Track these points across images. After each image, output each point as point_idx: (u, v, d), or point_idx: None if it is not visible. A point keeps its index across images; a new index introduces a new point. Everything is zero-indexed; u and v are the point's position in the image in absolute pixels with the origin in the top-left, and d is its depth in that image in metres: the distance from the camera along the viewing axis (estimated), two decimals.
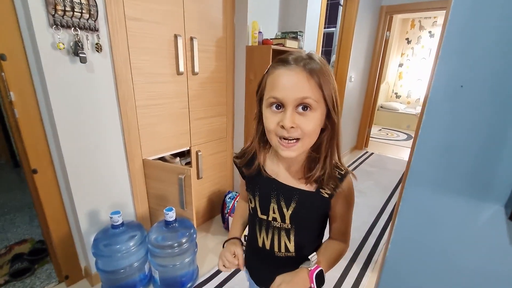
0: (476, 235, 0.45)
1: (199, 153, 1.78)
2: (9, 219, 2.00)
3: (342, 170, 0.62)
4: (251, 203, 0.70)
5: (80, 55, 1.07)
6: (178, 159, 1.79)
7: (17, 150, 1.18)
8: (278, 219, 0.65)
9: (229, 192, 1.98)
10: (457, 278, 0.50)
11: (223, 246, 0.76)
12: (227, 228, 1.91)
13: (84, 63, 1.10)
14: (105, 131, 1.28)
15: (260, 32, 1.77)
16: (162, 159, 1.71)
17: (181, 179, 1.37)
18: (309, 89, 0.51)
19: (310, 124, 0.53)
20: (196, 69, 1.59)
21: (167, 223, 1.33)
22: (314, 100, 0.51)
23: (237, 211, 0.84)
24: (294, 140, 0.54)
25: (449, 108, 0.45)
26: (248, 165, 0.69)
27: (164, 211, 1.31)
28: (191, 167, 1.78)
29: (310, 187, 0.62)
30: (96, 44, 1.14)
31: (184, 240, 1.34)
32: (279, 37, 1.92)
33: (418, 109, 5.33)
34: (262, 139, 0.63)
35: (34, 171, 1.15)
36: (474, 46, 0.42)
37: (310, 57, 0.53)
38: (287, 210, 0.64)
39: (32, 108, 1.08)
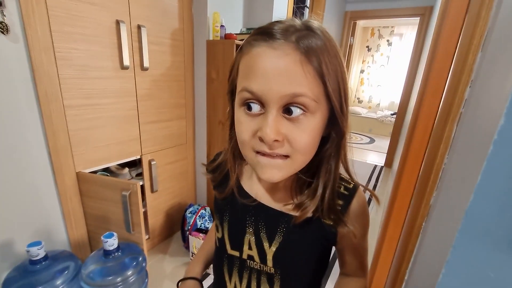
0: None
1: (152, 162, 1.52)
2: None
3: (349, 183, 0.44)
4: (217, 231, 0.50)
5: None
6: (126, 169, 1.51)
7: None
8: (256, 258, 0.45)
9: (190, 206, 1.74)
10: None
11: (177, 286, 0.55)
12: (187, 247, 1.66)
13: None
14: (21, 138, 0.98)
15: (222, 26, 1.58)
16: (106, 170, 1.43)
17: (125, 196, 1.11)
18: (305, 81, 0.32)
19: (304, 136, 0.34)
20: (146, 64, 1.34)
21: (106, 253, 1.06)
22: (312, 98, 0.33)
23: (206, 241, 0.62)
24: (282, 155, 0.35)
25: None
26: (221, 185, 0.49)
27: (102, 238, 1.04)
28: (143, 178, 1.52)
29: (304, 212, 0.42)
30: (1, 23, 0.86)
31: (130, 272, 1.08)
32: (244, 33, 1.75)
33: (379, 114, 5.55)
34: (238, 149, 0.43)
35: None
36: None
37: (307, 26, 0.34)
38: (270, 246, 0.44)
39: None
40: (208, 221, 1.70)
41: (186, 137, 1.75)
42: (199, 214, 1.68)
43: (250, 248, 0.45)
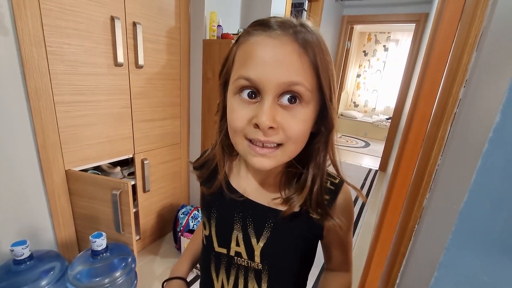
0: None
1: (145, 162, 1.50)
2: None
3: (335, 178, 0.44)
4: (205, 229, 0.49)
5: None
6: (118, 168, 1.48)
7: None
8: (244, 254, 0.45)
9: (183, 206, 1.72)
10: None
11: (162, 286, 0.55)
12: (179, 249, 1.64)
13: None
14: (8, 134, 0.96)
15: (219, 26, 1.57)
16: (97, 168, 1.40)
17: (115, 195, 1.09)
18: (302, 71, 0.33)
19: (299, 125, 0.35)
20: (141, 61, 1.32)
21: (94, 254, 1.04)
22: (307, 88, 0.34)
23: (192, 240, 0.62)
24: (273, 146, 0.36)
25: None
26: (209, 181, 0.48)
27: (90, 238, 1.01)
28: (135, 178, 1.49)
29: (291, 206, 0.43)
30: None
31: (118, 274, 1.05)
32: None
33: (375, 118, 5.59)
34: (227, 142, 0.44)
35: None
36: None
37: (302, 24, 0.35)
38: (257, 241, 0.44)
39: None
40: None
41: (180, 137, 1.73)
42: (192, 215, 1.65)
43: (237, 244, 0.45)
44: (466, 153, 0.26)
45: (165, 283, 0.55)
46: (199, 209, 1.73)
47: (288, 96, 0.34)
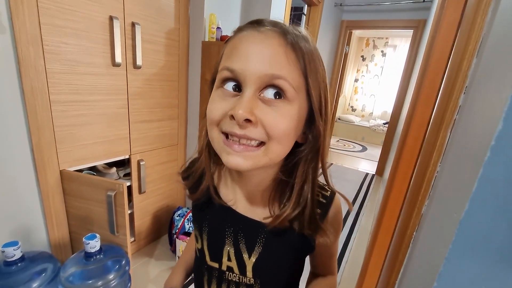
0: None
1: (141, 163, 1.48)
2: None
3: (326, 191, 0.43)
4: (197, 242, 0.48)
5: None
6: (114, 169, 1.47)
7: None
8: (236, 269, 0.44)
9: (179, 208, 1.70)
10: None
11: None
12: (174, 251, 1.62)
13: None
14: (2, 131, 0.94)
15: (218, 28, 1.57)
16: (93, 169, 1.38)
17: (110, 196, 1.07)
18: (286, 66, 0.32)
19: (281, 121, 0.33)
20: (139, 62, 1.32)
21: (88, 255, 1.02)
22: (291, 84, 0.32)
23: (186, 249, 0.60)
24: (254, 144, 0.34)
25: None
26: (195, 188, 0.46)
27: (84, 239, 1.00)
28: (131, 179, 1.48)
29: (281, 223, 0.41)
30: None
31: (111, 276, 1.04)
32: None
33: (372, 122, 5.61)
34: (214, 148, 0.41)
35: None
36: None
37: (296, 29, 0.35)
38: (249, 257, 0.42)
39: None
40: None
41: (178, 138, 1.72)
42: (188, 217, 1.64)
43: (229, 259, 0.44)
44: (466, 161, 0.25)
45: None
46: None
47: (271, 90, 0.32)
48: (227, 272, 0.45)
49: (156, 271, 1.50)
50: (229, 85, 0.34)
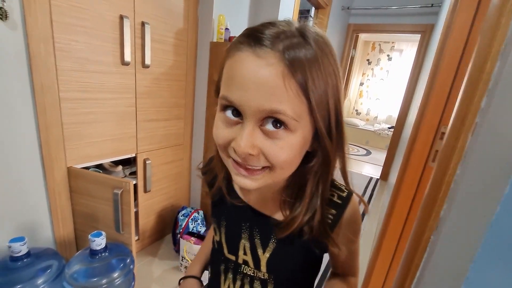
0: None
1: (147, 162, 1.49)
2: None
3: (343, 191, 0.42)
4: (215, 234, 0.50)
5: None
6: (120, 167, 1.48)
7: None
8: (251, 263, 0.45)
9: (183, 208, 1.70)
10: None
11: (179, 283, 0.57)
12: (178, 251, 1.61)
13: None
14: (11, 127, 0.95)
15: (227, 29, 1.58)
16: (99, 167, 1.39)
17: (117, 194, 1.07)
18: (285, 97, 0.30)
19: (283, 152, 0.32)
20: (148, 61, 1.32)
21: (93, 253, 1.02)
22: (292, 117, 0.31)
23: (206, 242, 0.62)
24: (259, 168, 0.34)
25: None
26: (211, 185, 0.50)
27: (89, 237, 1.00)
28: (136, 177, 1.48)
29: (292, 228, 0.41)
30: (0, 8, 0.84)
31: (116, 274, 1.03)
32: None
33: (377, 126, 5.59)
34: None
35: None
36: None
37: (302, 33, 0.31)
38: (263, 252, 0.43)
39: None
40: (201, 225, 1.66)
41: (184, 138, 1.72)
42: (192, 217, 1.64)
43: (245, 253, 0.45)
44: (495, 163, 0.25)
45: (181, 281, 0.57)
46: (199, 211, 1.71)
47: (271, 120, 0.31)
48: (242, 266, 0.46)
49: (159, 271, 1.50)
50: (229, 111, 0.34)
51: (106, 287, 1.01)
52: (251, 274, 0.45)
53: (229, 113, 0.33)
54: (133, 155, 1.43)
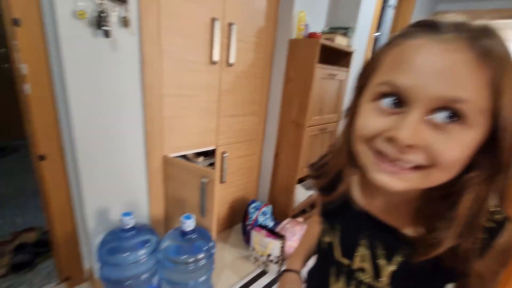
0: None
1: (224, 155, 1.58)
2: (21, 204, 1.92)
3: (495, 213, 0.35)
4: (325, 234, 0.48)
5: (104, 28, 0.91)
6: (201, 158, 1.60)
7: (26, 131, 1.05)
8: (369, 272, 0.42)
9: (253, 201, 1.76)
10: None
11: (280, 275, 0.59)
12: (247, 241, 1.69)
13: (108, 37, 0.94)
14: (124, 119, 1.12)
15: (306, 25, 1.56)
16: (184, 157, 1.54)
17: (203, 183, 1.17)
18: (473, 86, 0.26)
19: (455, 150, 0.28)
20: (232, 60, 1.40)
21: (183, 233, 1.14)
22: (475, 107, 0.26)
23: (307, 233, 0.62)
24: (409, 165, 0.30)
25: None
26: (327, 189, 0.45)
27: (182, 218, 1.12)
28: (214, 169, 1.59)
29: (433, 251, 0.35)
30: (124, 17, 0.98)
31: (201, 256, 1.14)
32: (326, 32, 1.69)
33: None
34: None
35: (42, 158, 1.01)
36: None
37: (485, 28, 0.27)
38: (389, 263, 0.40)
39: (45, 85, 0.94)
40: (270, 219, 1.70)
41: (257, 133, 1.78)
42: (262, 211, 1.69)
43: (363, 260, 0.42)
44: None
45: (283, 273, 0.58)
46: (268, 205, 1.75)
47: (445, 113, 0.27)
48: (357, 272, 0.43)
49: (230, 258, 1.59)
50: (386, 101, 0.30)
51: (192, 266, 1.12)
52: (368, 282, 0.42)
53: (386, 102, 0.30)
54: (214, 147, 1.54)
